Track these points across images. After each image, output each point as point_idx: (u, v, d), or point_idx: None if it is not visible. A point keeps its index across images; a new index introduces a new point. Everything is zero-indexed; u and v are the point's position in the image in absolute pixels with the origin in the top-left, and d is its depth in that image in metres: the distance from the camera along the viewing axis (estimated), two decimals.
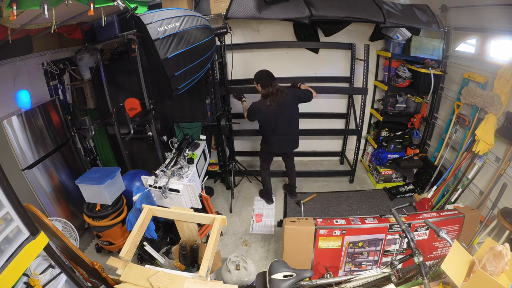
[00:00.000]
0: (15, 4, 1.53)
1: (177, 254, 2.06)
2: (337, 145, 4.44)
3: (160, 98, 3.26)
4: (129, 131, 2.67)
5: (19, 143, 2.45)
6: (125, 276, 1.54)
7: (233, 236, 3.08)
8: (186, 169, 2.58)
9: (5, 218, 1.15)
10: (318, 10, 2.71)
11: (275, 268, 1.88)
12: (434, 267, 1.85)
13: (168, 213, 1.88)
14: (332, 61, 3.86)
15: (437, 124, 3.64)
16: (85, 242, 3.02)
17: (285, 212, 3.43)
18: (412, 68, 3.36)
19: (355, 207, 3.43)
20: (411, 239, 1.71)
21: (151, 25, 1.99)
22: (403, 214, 2.12)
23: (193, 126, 3.33)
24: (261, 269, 2.43)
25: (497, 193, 2.53)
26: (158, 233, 2.59)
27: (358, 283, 1.88)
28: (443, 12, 3.19)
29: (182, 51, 2.11)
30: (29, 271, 1.57)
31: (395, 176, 3.77)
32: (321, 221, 2.32)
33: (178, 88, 2.23)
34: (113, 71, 3.35)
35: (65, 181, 2.91)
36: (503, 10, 2.46)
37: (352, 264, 2.41)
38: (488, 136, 2.68)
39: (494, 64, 2.68)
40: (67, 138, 3.04)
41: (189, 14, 2.24)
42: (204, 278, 1.50)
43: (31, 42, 2.76)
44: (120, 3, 1.94)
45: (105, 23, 2.32)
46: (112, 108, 3.09)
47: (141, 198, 2.26)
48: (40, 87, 2.98)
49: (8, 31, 2.15)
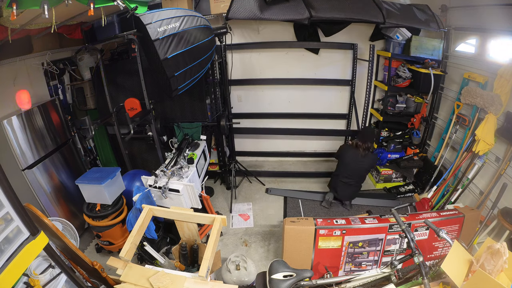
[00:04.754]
0: (15, 4, 1.53)
1: (177, 254, 2.06)
2: (337, 145, 4.42)
3: (160, 98, 3.26)
4: (129, 131, 2.66)
5: (19, 143, 2.45)
6: (125, 276, 1.54)
7: (233, 236, 3.08)
8: (186, 169, 2.58)
9: (5, 218, 1.15)
10: (317, 11, 2.71)
11: (275, 268, 1.88)
12: (434, 267, 1.85)
13: (168, 213, 1.88)
14: (332, 62, 3.86)
15: (437, 124, 3.64)
16: (85, 242, 3.02)
17: (285, 212, 3.43)
18: (412, 68, 3.36)
19: (356, 207, 3.43)
20: (411, 239, 1.71)
21: (150, 25, 1.99)
22: (403, 214, 2.13)
23: (193, 126, 3.33)
24: (261, 269, 2.44)
25: (497, 193, 2.53)
26: (158, 233, 2.59)
27: (358, 283, 1.88)
28: (443, 12, 3.19)
29: (182, 51, 2.11)
30: (29, 271, 1.57)
31: (395, 176, 3.77)
32: (321, 221, 2.32)
33: (178, 88, 2.23)
34: (113, 71, 3.35)
35: (65, 181, 2.91)
36: (503, 10, 2.46)
37: (352, 264, 2.41)
38: (488, 136, 2.67)
39: (494, 64, 2.68)
40: (67, 138, 3.04)
41: (189, 14, 2.24)
42: (204, 278, 1.50)
43: (31, 42, 2.75)
44: (120, 3, 1.94)
45: (105, 23, 2.32)
46: (112, 108, 3.09)
47: (141, 198, 2.26)
48: (40, 87, 2.98)
49: (8, 31, 2.14)
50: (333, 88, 4.02)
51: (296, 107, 4.15)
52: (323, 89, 4.01)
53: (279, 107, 4.16)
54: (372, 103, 4.06)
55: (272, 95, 4.10)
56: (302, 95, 4.07)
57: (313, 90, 4.03)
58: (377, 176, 3.81)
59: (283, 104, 4.15)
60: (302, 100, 4.10)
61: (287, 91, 4.07)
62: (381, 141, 3.84)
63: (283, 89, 4.05)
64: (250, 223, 3.27)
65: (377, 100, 4.04)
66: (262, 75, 3.95)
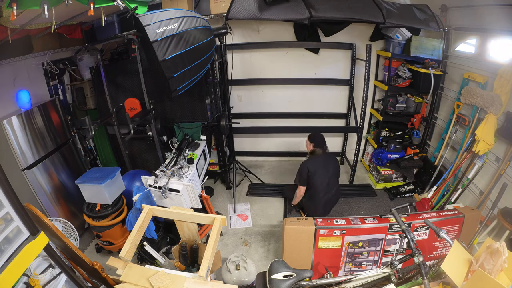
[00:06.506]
0: (15, 4, 1.53)
1: (177, 254, 2.06)
2: (337, 145, 4.44)
3: (160, 98, 3.26)
4: (129, 131, 2.66)
5: (19, 143, 2.45)
6: (125, 276, 1.54)
7: (233, 236, 3.08)
8: (186, 169, 2.58)
9: (5, 218, 1.15)
10: (317, 11, 2.71)
11: (275, 268, 1.89)
12: (434, 267, 1.85)
13: (168, 213, 1.88)
14: (332, 62, 3.87)
15: (437, 124, 3.64)
16: (85, 242, 3.02)
17: (285, 212, 3.43)
18: (412, 68, 3.36)
19: (356, 207, 3.43)
20: (411, 239, 1.71)
21: (149, 26, 1.98)
22: (403, 214, 2.13)
23: (193, 126, 3.33)
24: (261, 269, 2.44)
25: (497, 193, 2.53)
26: (158, 233, 2.59)
27: (358, 283, 1.88)
28: (443, 12, 3.19)
29: (181, 52, 2.11)
30: (29, 271, 1.57)
31: (395, 176, 3.77)
32: (321, 221, 2.32)
33: (177, 89, 2.22)
34: (113, 71, 3.35)
35: (65, 181, 2.91)
36: (503, 10, 2.46)
37: (352, 264, 2.41)
38: (488, 136, 2.67)
39: (494, 64, 2.68)
40: (67, 138, 3.04)
41: (188, 15, 2.23)
42: (204, 278, 1.50)
43: (31, 42, 2.75)
44: (120, 3, 1.94)
45: (105, 23, 2.32)
46: (112, 108, 3.09)
47: (141, 198, 2.26)
48: (40, 87, 2.98)
49: (8, 31, 2.14)
50: (333, 88, 4.02)
51: (296, 107, 4.16)
52: (323, 88, 4.01)
53: (279, 107, 4.16)
54: (372, 103, 4.06)
55: (272, 95, 4.11)
56: (302, 95, 4.07)
57: (313, 90, 4.03)
58: (377, 176, 3.81)
59: (283, 104, 4.15)
60: (302, 100, 4.11)
61: (287, 91, 4.07)
62: (381, 141, 3.84)
63: (283, 89, 4.06)
64: (249, 223, 3.27)
65: (377, 100, 4.04)
66: (262, 75, 3.95)
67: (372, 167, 3.99)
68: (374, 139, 3.95)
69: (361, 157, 4.41)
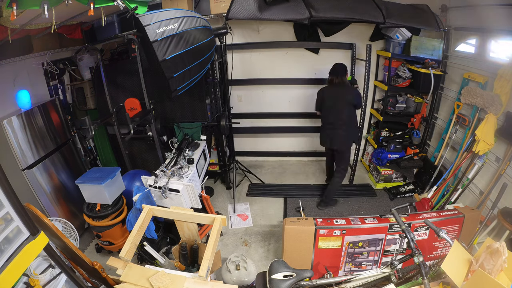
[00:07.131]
0: (15, 4, 1.53)
1: (177, 254, 2.06)
2: None
3: (160, 98, 3.26)
4: (129, 131, 2.67)
5: (19, 143, 2.45)
6: (125, 276, 1.54)
7: (233, 236, 3.08)
8: (186, 169, 2.58)
9: (5, 218, 1.15)
10: (317, 11, 2.71)
11: (275, 268, 1.88)
12: (434, 267, 1.85)
13: (168, 213, 1.88)
14: (332, 62, 3.83)
15: (437, 124, 3.64)
16: (85, 242, 3.02)
17: (285, 212, 3.43)
18: (412, 68, 3.36)
19: (356, 207, 3.44)
20: (411, 239, 1.70)
21: (149, 26, 1.98)
22: (403, 214, 2.13)
23: (193, 126, 3.33)
24: (261, 269, 2.44)
25: (497, 193, 2.53)
26: (158, 233, 2.59)
27: (358, 283, 1.88)
28: (443, 12, 3.19)
29: (181, 52, 2.11)
30: (29, 271, 1.57)
31: (395, 176, 3.77)
32: (321, 221, 2.32)
33: (177, 89, 2.22)
34: (113, 71, 3.35)
35: (65, 181, 2.91)
36: (503, 10, 2.46)
37: (352, 264, 2.41)
38: (488, 136, 2.67)
39: (494, 64, 2.68)
40: (67, 138, 3.04)
41: (188, 15, 2.23)
42: (204, 278, 1.50)
43: (31, 42, 2.75)
44: (120, 3, 1.94)
45: (105, 23, 2.32)
46: (112, 108, 3.09)
47: (141, 198, 2.26)
48: (40, 87, 2.98)
49: (8, 31, 2.15)
50: None
51: (296, 107, 4.15)
52: None
53: (279, 107, 4.16)
54: (372, 103, 4.06)
55: (272, 95, 4.11)
56: (302, 95, 4.07)
57: (313, 90, 4.01)
58: (377, 176, 3.81)
59: (283, 104, 4.15)
60: (302, 100, 4.10)
61: (287, 91, 4.07)
62: (381, 141, 3.84)
63: (283, 89, 4.05)
64: (249, 223, 3.27)
65: (377, 100, 4.04)
66: (262, 75, 3.95)
67: (372, 167, 3.99)
68: (374, 139, 3.95)
69: (361, 157, 4.41)
